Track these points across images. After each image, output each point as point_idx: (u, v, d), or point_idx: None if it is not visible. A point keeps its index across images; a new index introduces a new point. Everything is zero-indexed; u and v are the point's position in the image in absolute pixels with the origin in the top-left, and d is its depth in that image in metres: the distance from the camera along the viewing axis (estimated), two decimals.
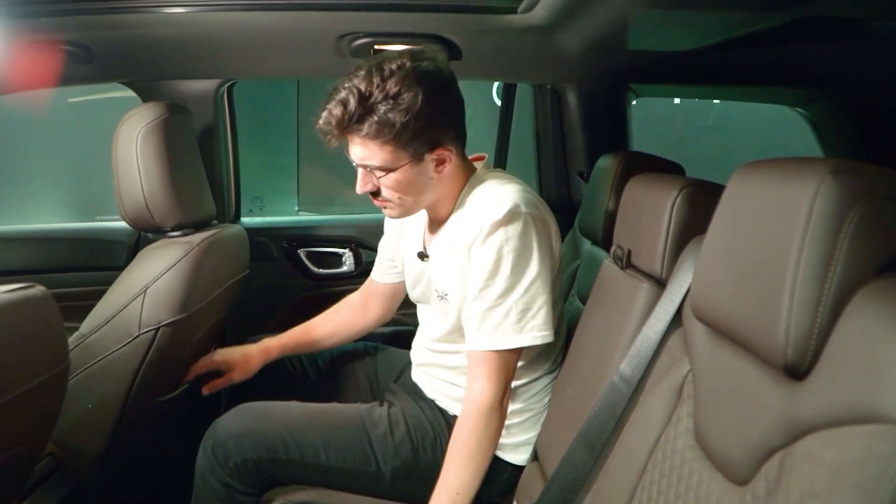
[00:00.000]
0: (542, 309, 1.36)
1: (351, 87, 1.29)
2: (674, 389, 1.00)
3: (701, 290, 0.92)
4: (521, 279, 1.35)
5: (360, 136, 1.31)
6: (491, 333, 1.36)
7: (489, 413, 1.36)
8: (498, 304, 1.35)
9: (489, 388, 1.36)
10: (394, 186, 1.37)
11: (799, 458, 0.69)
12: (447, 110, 1.37)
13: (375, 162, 1.33)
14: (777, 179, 0.77)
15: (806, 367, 0.70)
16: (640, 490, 0.99)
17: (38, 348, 0.97)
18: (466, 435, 1.36)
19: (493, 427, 1.37)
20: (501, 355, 1.36)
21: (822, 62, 1.85)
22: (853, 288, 0.67)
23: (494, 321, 1.35)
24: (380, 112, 1.28)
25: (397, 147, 1.31)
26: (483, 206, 1.37)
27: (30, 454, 1.06)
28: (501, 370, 1.37)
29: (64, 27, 1.64)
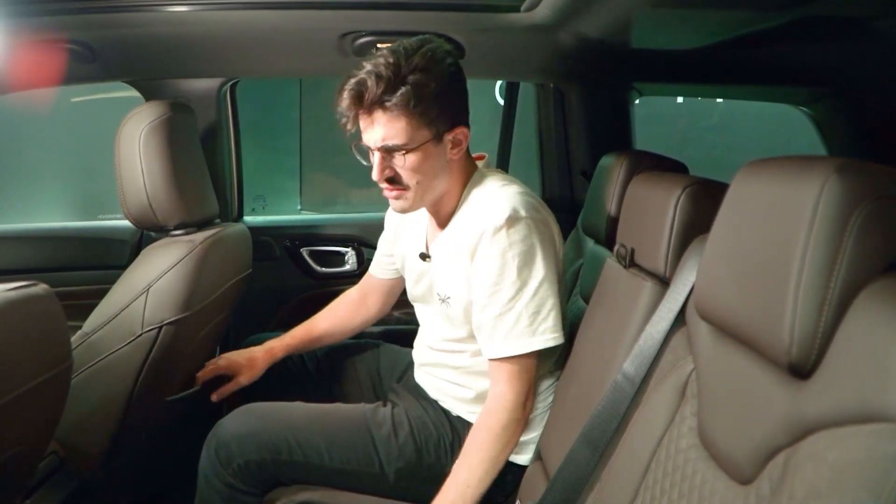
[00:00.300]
0: (552, 311, 1.37)
1: (377, 62, 1.30)
2: (677, 388, 0.99)
3: (705, 288, 0.92)
4: (527, 283, 1.35)
5: (388, 108, 1.30)
6: (504, 340, 1.36)
7: (511, 413, 1.38)
8: (507, 309, 1.35)
9: (510, 390, 1.38)
10: (414, 167, 1.36)
11: (803, 458, 0.68)
12: (464, 91, 1.41)
13: (399, 139, 1.33)
14: (781, 178, 0.76)
15: (810, 367, 0.69)
16: (643, 489, 0.99)
17: (41, 347, 0.97)
18: (486, 434, 1.37)
19: (512, 429, 1.39)
20: (518, 360, 1.37)
21: (825, 61, 1.85)
22: (858, 287, 0.67)
23: (506, 327, 1.36)
24: (412, 81, 1.29)
25: (421, 123, 1.32)
26: (485, 209, 1.37)
27: (33, 453, 1.06)
28: (521, 373, 1.38)
29: (67, 26, 1.65)
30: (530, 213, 1.37)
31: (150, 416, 1.55)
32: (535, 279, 1.35)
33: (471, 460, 1.36)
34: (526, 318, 1.35)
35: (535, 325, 1.36)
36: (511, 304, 1.35)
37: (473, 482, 1.34)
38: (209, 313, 1.64)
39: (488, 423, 1.38)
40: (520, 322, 1.35)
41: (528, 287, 1.35)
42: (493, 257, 1.34)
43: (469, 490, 1.34)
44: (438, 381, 1.58)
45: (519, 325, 1.35)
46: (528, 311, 1.35)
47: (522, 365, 1.38)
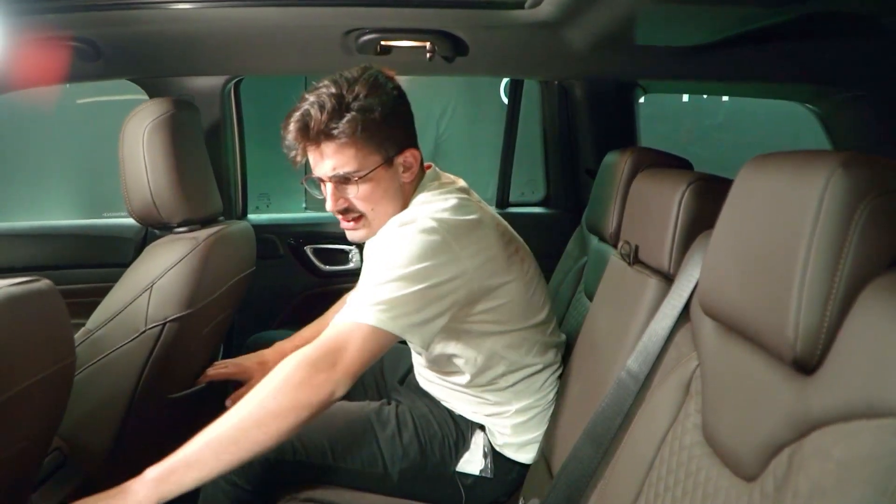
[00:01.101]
0: (399, 298, 1.23)
1: (319, 93, 1.32)
2: (681, 385, 0.99)
3: (709, 284, 0.92)
4: (393, 273, 1.25)
5: (336, 136, 1.30)
6: (356, 307, 1.24)
7: (307, 368, 1.19)
8: (376, 284, 1.25)
9: (319, 346, 1.22)
10: (367, 195, 1.36)
11: (808, 454, 0.68)
12: (409, 114, 1.42)
13: (349, 167, 1.33)
14: (786, 172, 0.76)
15: (815, 362, 0.69)
16: (647, 486, 0.98)
17: (44, 342, 0.97)
18: (278, 376, 1.20)
19: (316, 382, 1.19)
20: (340, 327, 1.24)
21: (831, 58, 1.84)
22: (863, 282, 0.66)
23: (358, 298, 1.26)
24: (356, 107, 1.30)
25: (370, 148, 1.33)
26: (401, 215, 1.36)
27: (37, 449, 1.06)
28: (338, 340, 1.22)
29: (71, 24, 1.65)
30: (447, 214, 1.31)
31: (154, 414, 1.55)
32: (403, 272, 1.24)
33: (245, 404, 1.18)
34: (368, 296, 1.24)
35: (370, 302, 1.23)
36: (376, 278, 1.25)
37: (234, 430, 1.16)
38: (212, 310, 1.64)
39: (285, 366, 1.21)
40: (362, 297, 1.24)
41: (396, 274, 1.24)
42: (389, 243, 1.29)
43: (208, 447, 1.14)
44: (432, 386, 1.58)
45: (367, 298, 1.24)
46: (376, 289, 1.24)
47: (341, 334, 1.23)
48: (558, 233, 2.13)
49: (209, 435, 1.14)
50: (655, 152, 1.54)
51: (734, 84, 2.27)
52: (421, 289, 1.25)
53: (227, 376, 1.65)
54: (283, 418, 1.17)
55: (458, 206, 1.36)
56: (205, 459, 1.14)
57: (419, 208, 1.36)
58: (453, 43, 1.73)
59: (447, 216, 1.33)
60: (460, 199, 1.39)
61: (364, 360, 1.24)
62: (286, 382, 1.18)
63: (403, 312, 1.24)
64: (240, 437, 1.15)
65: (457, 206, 1.36)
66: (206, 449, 1.14)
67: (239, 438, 1.15)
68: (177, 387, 1.62)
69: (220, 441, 1.14)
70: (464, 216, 1.35)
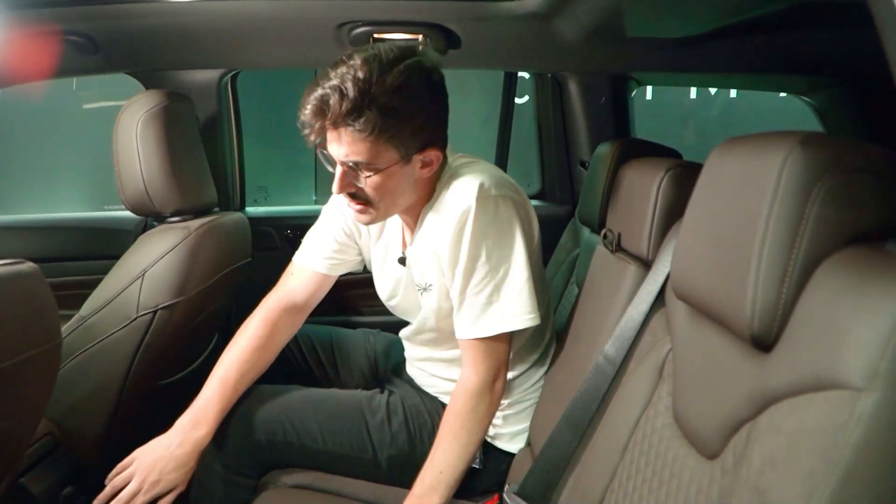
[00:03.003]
0: (524, 292, 1.33)
1: (346, 75, 1.20)
2: (655, 369, 1.00)
3: (680, 268, 0.93)
4: (500, 264, 1.32)
5: (353, 129, 1.21)
6: (473, 321, 1.34)
7: (475, 397, 1.35)
8: (478, 290, 1.33)
9: (475, 374, 1.36)
10: (377, 187, 1.30)
11: (762, 429, 0.69)
12: (442, 110, 1.33)
13: (363, 159, 1.25)
14: (749, 153, 0.77)
15: (772, 339, 0.70)
16: (621, 468, 1.00)
17: (28, 323, 1.00)
18: (453, 419, 1.36)
19: (481, 411, 1.36)
20: (487, 342, 1.35)
21: (825, 49, 1.83)
22: (819, 259, 0.67)
23: (476, 308, 1.34)
24: (380, 104, 1.20)
25: (389, 145, 1.25)
26: (456, 192, 1.33)
27: (21, 431, 1.08)
28: (489, 356, 1.36)
29: (68, 17, 1.66)
30: (500, 190, 1.33)
31: (145, 400, 1.58)
32: (507, 260, 1.32)
33: (443, 444, 1.35)
34: (497, 300, 1.33)
35: (506, 306, 1.33)
36: (482, 285, 1.32)
37: (447, 466, 1.34)
38: (205, 299, 1.66)
39: (454, 407, 1.37)
40: (491, 303, 1.33)
41: (501, 268, 1.32)
42: (465, 238, 1.30)
43: (444, 475, 1.33)
44: (428, 377, 1.58)
45: (490, 306, 1.33)
46: (500, 293, 1.33)
47: (491, 346, 1.35)
48: (554, 226, 2.14)
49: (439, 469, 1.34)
50: (644, 143, 1.55)
51: (727, 76, 2.26)
52: (525, 266, 1.33)
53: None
54: (481, 437, 1.39)
55: (492, 170, 1.39)
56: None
57: (469, 180, 1.33)
58: (446, 35, 1.73)
59: (494, 177, 1.36)
60: (488, 166, 1.42)
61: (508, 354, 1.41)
62: (469, 421, 1.36)
63: (530, 297, 1.33)
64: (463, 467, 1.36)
65: (492, 171, 1.39)
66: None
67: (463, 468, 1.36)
68: (168, 373, 1.65)
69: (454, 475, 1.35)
70: (507, 181, 1.39)
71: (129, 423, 1.54)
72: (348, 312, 2.26)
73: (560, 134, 2.23)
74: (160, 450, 1.38)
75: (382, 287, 1.58)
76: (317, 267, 1.58)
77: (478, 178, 1.32)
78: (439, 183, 1.39)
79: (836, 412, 0.59)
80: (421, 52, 1.28)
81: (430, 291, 1.44)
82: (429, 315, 1.47)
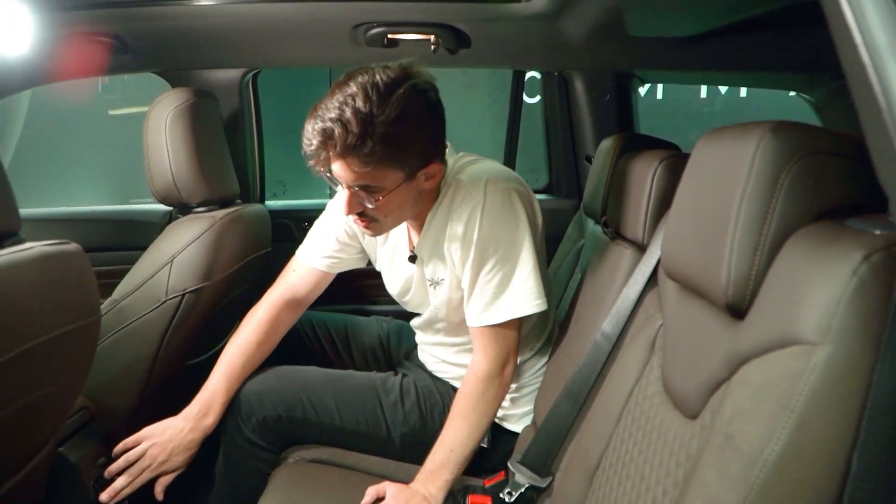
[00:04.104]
0: (531, 278, 1.39)
1: (346, 106, 1.22)
2: (648, 343, 1.07)
3: (669, 249, 0.99)
4: (508, 254, 1.38)
5: (358, 159, 1.25)
6: (483, 310, 1.41)
7: (485, 382, 1.42)
8: (488, 279, 1.39)
9: (485, 360, 1.42)
10: (385, 207, 1.34)
11: (734, 385, 0.76)
12: (440, 125, 1.36)
13: (371, 183, 1.30)
14: (729, 141, 0.83)
15: (745, 306, 0.76)
16: (615, 436, 1.06)
17: (71, 298, 1.08)
18: (464, 401, 1.43)
19: (490, 394, 1.43)
20: (497, 329, 1.42)
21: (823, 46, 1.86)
22: (788, 234, 0.73)
23: (487, 297, 1.40)
24: (383, 134, 1.22)
25: (394, 168, 1.29)
26: (463, 190, 1.40)
27: (63, 396, 1.17)
28: (499, 342, 1.42)
29: (101, 19, 1.75)
30: (507, 182, 1.40)
31: (172, 379, 1.66)
32: (514, 249, 1.38)
33: (454, 424, 1.42)
34: (506, 288, 1.39)
35: (515, 293, 1.39)
36: (491, 273, 1.39)
37: (457, 445, 1.40)
38: (228, 285, 1.75)
39: (465, 390, 1.44)
40: (500, 291, 1.39)
41: (508, 257, 1.38)
42: (477, 229, 1.37)
43: (454, 453, 1.39)
44: (439, 364, 1.65)
45: (499, 294, 1.39)
46: (508, 281, 1.39)
47: (500, 334, 1.42)
48: (560, 218, 2.21)
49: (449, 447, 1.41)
50: (644, 137, 1.61)
51: (728, 74, 2.30)
52: (532, 254, 1.39)
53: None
54: (490, 418, 1.47)
55: (496, 165, 1.46)
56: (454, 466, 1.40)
57: (475, 177, 1.40)
58: (456, 36, 1.80)
59: (498, 171, 1.43)
60: (491, 162, 1.49)
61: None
62: (480, 404, 1.43)
63: (536, 284, 1.40)
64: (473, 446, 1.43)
65: (495, 165, 1.46)
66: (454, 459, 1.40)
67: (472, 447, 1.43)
68: (194, 354, 1.73)
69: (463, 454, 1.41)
70: (512, 175, 1.46)
71: (156, 400, 1.62)
72: (362, 301, 2.33)
73: (566, 130, 2.29)
74: (173, 432, 1.49)
75: (393, 285, 1.63)
76: (316, 265, 1.64)
77: (485, 173, 1.40)
78: (444, 184, 1.45)
79: (794, 364, 0.66)
80: (415, 73, 1.30)
81: (441, 285, 1.50)
82: (440, 307, 1.52)
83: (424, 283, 1.54)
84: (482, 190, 1.37)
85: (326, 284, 1.68)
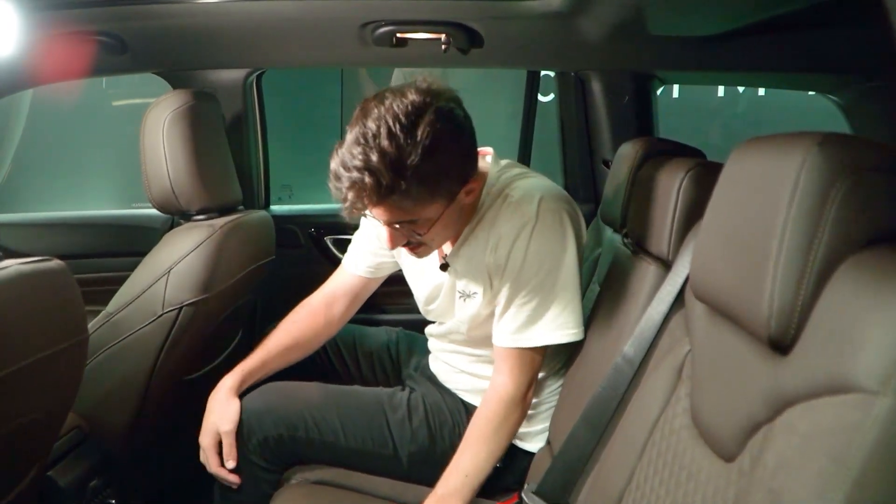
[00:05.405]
0: (571, 305, 1.35)
1: (370, 150, 1.14)
2: (674, 370, 1.00)
3: (699, 268, 0.92)
4: (550, 276, 1.33)
5: (395, 204, 1.19)
6: (518, 331, 1.36)
7: (509, 406, 1.38)
8: (526, 301, 1.34)
9: (511, 382, 1.38)
10: (426, 232, 1.30)
11: (777, 431, 0.69)
12: (471, 141, 1.30)
13: (413, 218, 1.25)
14: (768, 154, 0.76)
15: (790, 340, 0.69)
16: (639, 469, 1.00)
17: (55, 319, 1.02)
18: (484, 423, 1.38)
19: (513, 420, 1.39)
20: (527, 352, 1.37)
21: (852, 47, 1.80)
22: (837, 261, 0.66)
23: (521, 319, 1.35)
24: (417, 175, 1.16)
25: (435, 199, 1.23)
26: (513, 206, 1.34)
27: (49, 423, 1.11)
28: (526, 366, 1.38)
29: (98, 18, 1.70)
30: (558, 202, 1.34)
31: (170, 395, 1.61)
32: (557, 272, 1.33)
33: (472, 448, 1.37)
34: (544, 312, 1.34)
35: (552, 319, 1.34)
36: (530, 295, 1.33)
37: (473, 470, 1.35)
38: (230, 297, 1.69)
39: (487, 413, 1.39)
40: (538, 315, 1.34)
41: (550, 280, 1.33)
42: (524, 248, 1.31)
43: (469, 479, 1.34)
44: (453, 374, 1.59)
45: (536, 318, 1.34)
46: (547, 306, 1.34)
47: (529, 357, 1.38)
48: None
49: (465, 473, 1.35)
50: (666, 142, 1.54)
51: (753, 75, 2.23)
52: (575, 280, 1.36)
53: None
54: (508, 443, 1.42)
55: (545, 181, 1.41)
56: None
57: (526, 194, 1.34)
58: (468, 35, 1.74)
59: (549, 188, 1.38)
60: (540, 178, 1.44)
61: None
62: (501, 429, 1.38)
63: (574, 311, 1.36)
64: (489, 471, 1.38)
65: (545, 182, 1.40)
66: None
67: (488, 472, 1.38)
68: (193, 369, 1.67)
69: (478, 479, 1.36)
70: (563, 193, 1.41)
71: (155, 417, 1.57)
72: (371, 310, 2.27)
73: (583, 133, 2.23)
74: (213, 405, 1.47)
75: (420, 292, 1.59)
76: (357, 271, 1.66)
77: (537, 190, 1.34)
78: (486, 195, 1.39)
79: (850, 415, 0.59)
80: (436, 93, 1.21)
81: (472, 299, 1.45)
82: (464, 320, 1.48)
83: (454, 293, 1.49)
84: (534, 208, 1.31)
85: (370, 292, 1.71)
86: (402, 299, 1.88)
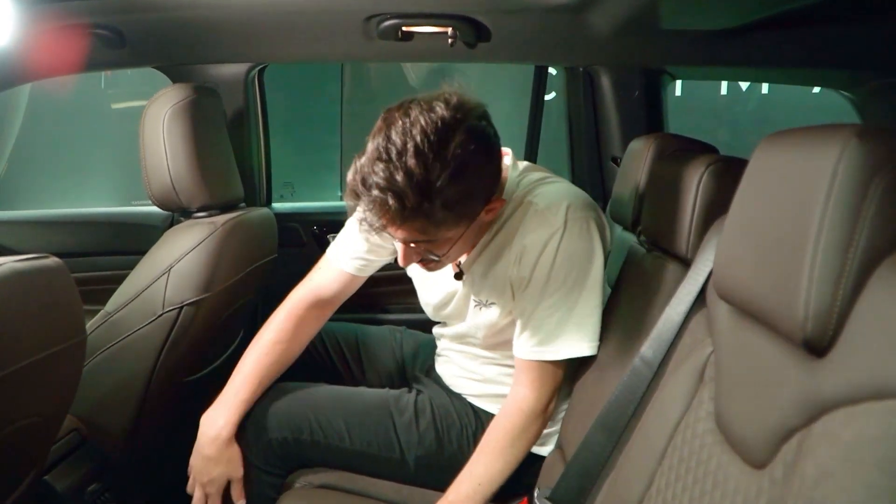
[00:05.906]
0: (593, 317, 1.32)
1: (396, 169, 1.06)
2: (695, 372, 0.96)
3: (723, 266, 0.89)
4: (575, 288, 1.30)
5: (418, 226, 1.14)
6: (540, 343, 1.33)
7: (529, 418, 1.35)
8: (550, 312, 1.31)
9: (532, 395, 1.35)
10: (444, 250, 1.25)
11: (816, 438, 0.65)
12: (498, 158, 1.25)
13: (436, 238, 1.19)
14: (800, 147, 0.73)
15: (827, 343, 0.66)
16: (658, 475, 0.96)
17: (51, 319, 0.99)
18: (502, 434, 1.35)
19: (532, 432, 1.36)
20: (550, 365, 1.34)
21: (866, 43, 1.78)
22: (878, 259, 0.63)
23: (545, 331, 1.32)
24: (443, 199, 1.09)
25: (457, 221, 1.17)
26: (539, 215, 1.29)
27: (46, 426, 1.08)
28: (548, 378, 1.35)
29: (96, 10, 1.67)
30: (586, 211, 1.30)
31: (171, 396, 1.58)
32: (583, 283, 1.30)
33: (487, 457, 1.34)
34: (567, 326, 1.31)
35: (574, 332, 1.31)
36: (554, 307, 1.30)
37: (487, 480, 1.32)
38: (231, 296, 1.66)
39: (506, 423, 1.35)
40: (561, 328, 1.31)
41: (575, 293, 1.30)
42: (550, 258, 1.27)
43: (482, 487, 1.31)
44: (459, 376, 1.56)
45: (559, 331, 1.31)
46: (572, 319, 1.31)
47: (552, 369, 1.35)
48: None
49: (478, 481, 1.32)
50: (680, 138, 1.51)
51: (765, 70, 2.21)
52: (599, 290, 1.32)
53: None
54: (525, 454, 1.38)
55: (570, 186, 1.36)
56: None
57: (553, 202, 1.28)
58: (475, 28, 1.71)
59: (579, 195, 1.33)
60: (566, 183, 1.39)
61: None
62: (520, 440, 1.35)
63: (596, 323, 1.34)
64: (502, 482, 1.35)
65: (571, 187, 1.36)
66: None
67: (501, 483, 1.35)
68: (194, 369, 1.64)
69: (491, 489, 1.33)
70: (590, 201, 1.34)
71: (155, 419, 1.54)
72: (374, 310, 2.25)
73: (591, 129, 2.20)
74: (202, 450, 1.41)
75: (429, 297, 1.55)
76: (344, 266, 1.56)
77: (564, 198, 1.29)
78: (508, 203, 1.33)
79: None
80: (467, 108, 1.14)
81: (490, 308, 1.41)
82: (480, 327, 1.45)
83: (468, 301, 1.45)
84: (562, 217, 1.26)
85: (354, 288, 1.60)
86: (405, 298, 1.85)
